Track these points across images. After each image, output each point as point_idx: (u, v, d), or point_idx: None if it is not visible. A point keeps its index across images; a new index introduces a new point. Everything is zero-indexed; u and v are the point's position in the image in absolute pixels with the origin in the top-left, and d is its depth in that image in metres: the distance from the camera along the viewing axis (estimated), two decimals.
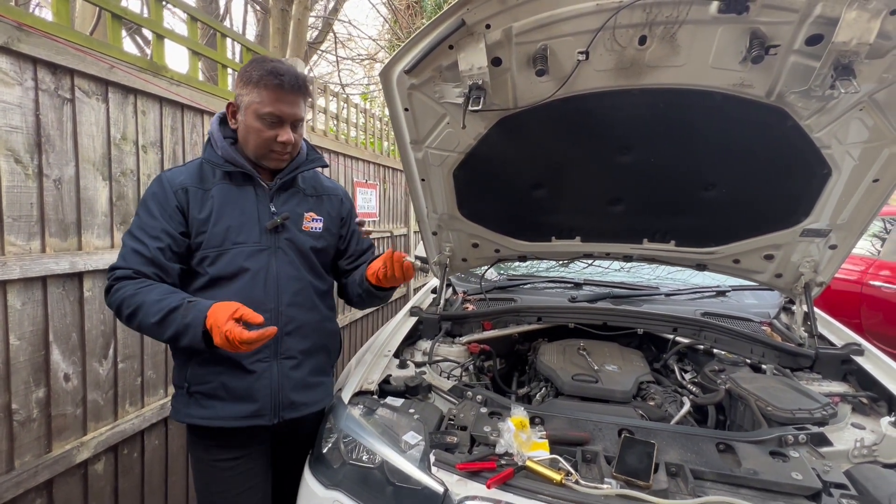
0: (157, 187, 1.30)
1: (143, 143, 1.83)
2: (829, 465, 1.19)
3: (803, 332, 1.90)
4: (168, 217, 1.28)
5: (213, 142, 1.36)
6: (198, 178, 1.34)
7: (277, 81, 1.27)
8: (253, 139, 1.32)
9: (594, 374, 1.72)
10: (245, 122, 1.32)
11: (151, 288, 1.21)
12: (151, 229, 1.26)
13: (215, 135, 1.36)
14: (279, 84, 1.27)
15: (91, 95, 1.63)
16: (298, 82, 1.31)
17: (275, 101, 1.28)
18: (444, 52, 1.49)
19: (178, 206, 1.29)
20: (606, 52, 1.43)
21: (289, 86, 1.28)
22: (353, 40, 9.75)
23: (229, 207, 1.33)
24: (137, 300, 1.19)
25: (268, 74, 1.26)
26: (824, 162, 1.59)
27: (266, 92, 1.27)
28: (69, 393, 1.62)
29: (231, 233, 1.32)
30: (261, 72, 1.27)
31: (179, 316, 1.16)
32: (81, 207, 1.62)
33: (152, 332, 1.21)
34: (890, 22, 1.19)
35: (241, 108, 1.32)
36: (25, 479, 1.46)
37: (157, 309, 1.17)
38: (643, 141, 1.70)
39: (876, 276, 4.00)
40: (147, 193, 1.30)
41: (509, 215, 2.13)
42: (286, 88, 1.28)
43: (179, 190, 1.30)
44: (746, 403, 1.49)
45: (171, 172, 1.34)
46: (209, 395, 1.31)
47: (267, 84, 1.27)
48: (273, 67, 1.28)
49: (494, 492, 1.10)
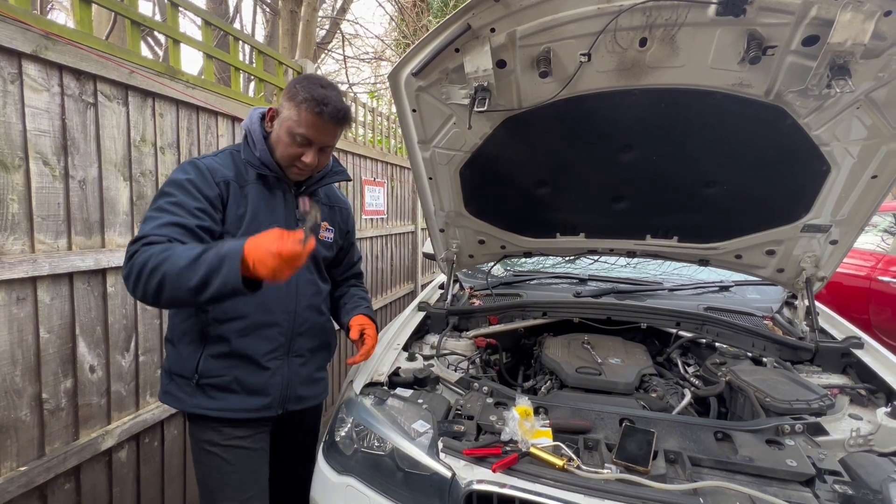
0: (194, 173, 1.28)
1: (161, 144, 1.90)
2: (824, 453, 1.23)
3: (805, 326, 1.93)
4: (210, 203, 1.27)
5: (250, 140, 1.38)
6: (234, 172, 1.34)
7: (318, 110, 1.28)
8: (280, 150, 1.34)
9: (598, 367, 1.77)
10: (278, 132, 1.34)
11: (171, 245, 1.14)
12: (191, 208, 1.23)
13: (255, 135, 1.37)
14: (319, 113, 1.28)
15: (112, 99, 1.70)
16: (339, 115, 1.32)
17: (309, 125, 1.30)
18: (450, 55, 1.54)
19: (220, 196, 1.30)
20: (608, 53, 1.47)
21: (328, 116, 1.29)
22: (360, 38, 9.80)
23: (263, 209, 1.36)
24: (167, 254, 1.09)
25: (311, 100, 1.28)
26: (823, 159, 1.62)
27: (304, 115, 1.28)
28: (94, 384, 1.70)
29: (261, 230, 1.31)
30: (306, 94, 1.28)
31: (212, 253, 1.07)
32: (104, 207, 1.69)
33: (178, 282, 1.07)
34: (884, 23, 1.22)
35: (278, 117, 1.35)
36: (55, 465, 1.54)
37: (187, 255, 1.08)
38: (645, 140, 1.74)
39: (885, 272, 3.98)
40: (179, 177, 1.26)
41: (515, 212, 2.17)
42: (324, 118, 1.29)
43: (221, 182, 1.31)
44: (746, 395, 1.53)
45: (207, 161, 1.32)
46: (221, 388, 1.33)
47: (308, 108, 1.28)
48: (321, 95, 1.29)
49: (499, 476, 1.15)
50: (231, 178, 1.33)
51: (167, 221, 1.19)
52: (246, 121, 1.41)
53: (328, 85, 1.34)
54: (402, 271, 4.91)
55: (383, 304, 4.37)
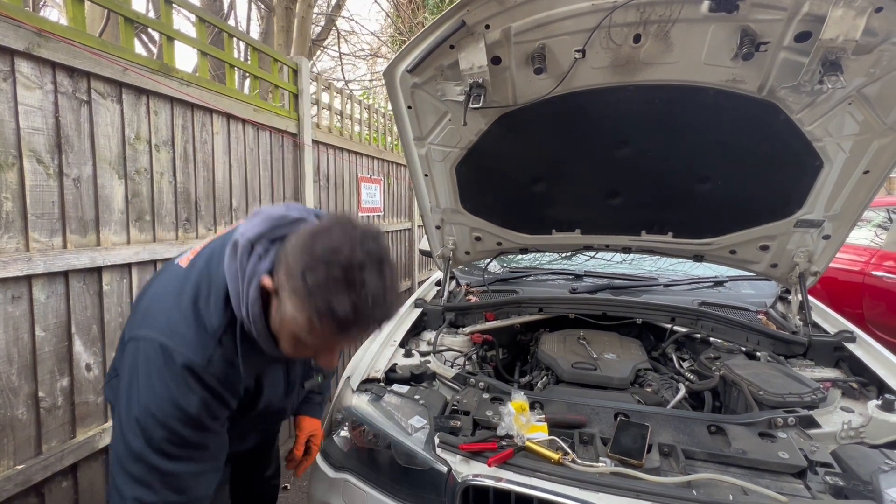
0: (208, 394, 0.89)
1: (155, 142, 1.89)
2: (816, 445, 1.25)
3: (798, 320, 1.95)
4: (225, 421, 0.98)
5: (253, 328, 0.90)
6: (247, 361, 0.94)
7: (343, 328, 0.82)
8: (287, 347, 0.92)
9: (593, 362, 1.78)
10: (278, 329, 0.90)
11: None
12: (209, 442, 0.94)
13: (259, 329, 0.90)
14: (341, 329, 0.82)
15: (106, 97, 1.70)
16: (381, 319, 0.86)
17: (323, 347, 0.92)
18: (445, 52, 1.54)
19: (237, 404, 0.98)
20: (602, 50, 1.48)
21: (349, 330, 0.83)
22: (356, 35, 9.76)
23: (271, 389, 1.09)
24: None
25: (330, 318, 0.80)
26: (816, 154, 1.63)
27: (319, 329, 0.82)
28: (91, 382, 1.70)
29: (270, 405, 1.11)
30: (322, 304, 0.79)
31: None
32: (99, 205, 1.69)
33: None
34: (875, 19, 1.23)
35: (279, 300, 0.86)
36: (52, 463, 1.54)
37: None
38: (639, 135, 1.75)
39: (878, 267, 4.01)
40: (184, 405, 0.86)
41: (510, 209, 2.18)
42: (344, 333, 0.83)
43: (242, 389, 0.97)
44: (739, 389, 1.54)
45: (217, 370, 0.89)
46: None
47: (327, 325, 0.81)
48: (336, 309, 0.79)
49: (495, 470, 1.16)
50: (251, 383, 1.01)
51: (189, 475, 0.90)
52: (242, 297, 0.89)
53: (363, 264, 0.80)
54: (399, 268, 4.92)
55: None
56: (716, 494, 1.07)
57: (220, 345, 0.90)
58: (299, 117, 2.86)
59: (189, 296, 0.92)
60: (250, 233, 0.90)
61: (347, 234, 0.81)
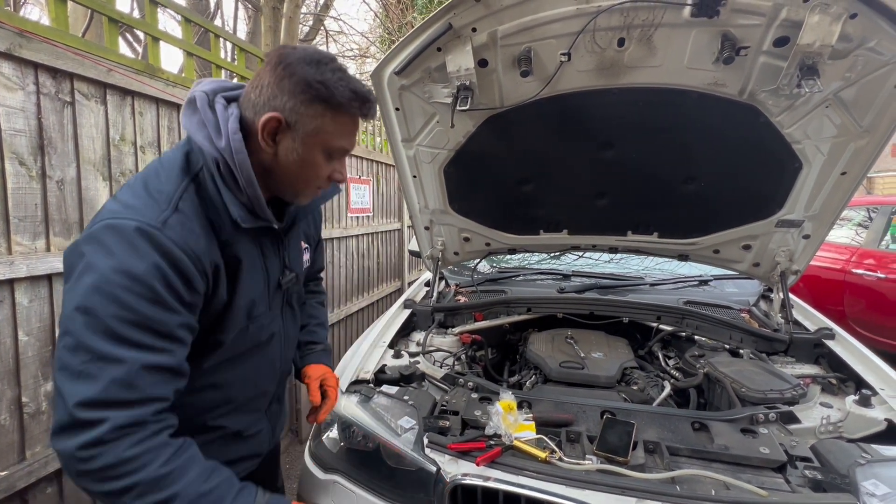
0: (163, 260, 0.78)
1: (141, 143, 1.87)
2: (796, 440, 1.28)
3: (780, 318, 1.99)
4: (191, 306, 0.84)
5: (237, 177, 0.88)
6: (210, 234, 0.87)
7: (365, 110, 0.92)
8: (306, 175, 0.94)
9: (580, 361, 1.80)
10: (301, 153, 0.90)
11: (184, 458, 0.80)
12: (169, 326, 0.80)
13: (245, 170, 0.88)
14: (364, 112, 0.92)
15: (90, 98, 1.68)
16: (375, 107, 0.97)
17: (351, 132, 0.94)
18: (432, 55, 1.55)
19: (205, 289, 0.87)
20: (587, 53, 1.50)
21: (370, 113, 0.94)
22: (344, 35, 9.74)
23: (250, 274, 0.96)
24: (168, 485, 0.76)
25: (355, 99, 0.89)
26: (795, 156, 1.67)
27: (347, 120, 0.91)
28: None
29: (253, 306, 0.99)
30: (346, 94, 0.87)
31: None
32: (83, 207, 1.67)
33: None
34: (850, 25, 1.27)
35: (295, 130, 0.88)
36: (37, 469, 1.52)
37: None
38: (624, 137, 1.78)
39: (858, 265, 4.10)
40: (137, 268, 0.76)
41: (499, 210, 2.20)
42: (368, 116, 0.94)
43: (210, 266, 0.86)
44: (723, 386, 1.58)
45: (176, 232, 0.80)
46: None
47: (353, 112, 0.90)
48: (356, 88, 0.89)
49: (483, 469, 1.17)
50: (218, 259, 0.89)
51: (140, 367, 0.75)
52: (212, 129, 0.87)
53: (344, 68, 0.92)
54: (389, 269, 4.91)
55: (369, 301, 4.37)
56: (699, 490, 1.09)
57: (176, 210, 0.82)
58: None
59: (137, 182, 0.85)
60: (204, 87, 0.91)
61: (309, 51, 0.89)
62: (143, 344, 0.76)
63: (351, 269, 3.96)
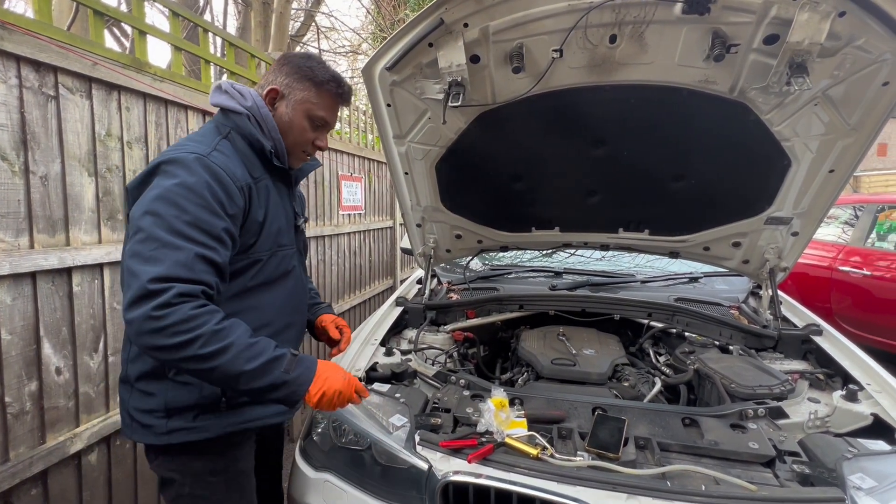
0: (211, 177, 1.03)
1: (127, 139, 1.84)
2: (784, 435, 1.29)
3: (769, 314, 2.01)
4: (232, 217, 1.07)
5: (263, 126, 1.20)
6: (248, 168, 1.15)
7: (340, 91, 1.25)
8: (294, 136, 1.24)
9: (572, 358, 1.81)
10: (291, 116, 1.22)
11: (232, 322, 1.00)
12: (216, 229, 1.02)
13: (269, 120, 1.20)
14: (339, 94, 1.25)
15: (75, 92, 1.64)
16: (350, 96, 1.31)
17: (330, 107, 1.26)
18: (424, 50, 1.54)
19: (244, 207, 1.11)
20: (579, 50, 1.50)
21: (345, 98, 1.28)
22: (336, 31, 9.66)
23: (276, 206, 1.23)
24: (224, 338, 0.95)
25: (333, 81, 1.23)
26: (784, 153, 1.68)
27: (327, 96, 1.23)
28: (61, 386, 1.65)
29: (280, 235, 1.24)
30: (326, 75, 1.22)
31: (281, 369, 1.01)
32: (68, 204, 1.63)
33: (232, 377, 0.97)
34: (839, 23, 1.28)
35: (288, 99, 1.22)
36: (21, 470, 1.49)
37: (252, 353, 0.98)
38: (616, 135, 1.78)
39: (845, 262, 4.16)
40: (190, 181, 1.00)
41: (491, 207, 2.19)
42: (343, 100, 1.27)
43: (245, 187, 1.11)
44: (712, 382, 1.59)
45: (220, 159, 1.08)
46: (248, 402, 1.19)
47: (329, 90, 1.23)
48: (336, 75, 1.25)
49: (475, 466, 1.17)
50: (250, 181, 1.14)
51: (196, 255, 0.97)
52: (240, 98, 1.19)
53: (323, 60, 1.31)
54: (381, 267, 4.90)
55: (362, 299, 4.35)
56: (689, 485, 1.10)
57: (215, 150, 1.10)
58: None
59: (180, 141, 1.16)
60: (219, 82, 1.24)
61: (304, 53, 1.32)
62: (196, 239, 0.98)
63: (343, 266, 3.94)
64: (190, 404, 1.13)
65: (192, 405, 1.13)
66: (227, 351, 0.95)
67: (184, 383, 1.13)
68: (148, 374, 1.13)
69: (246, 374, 0.97)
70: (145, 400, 1.14)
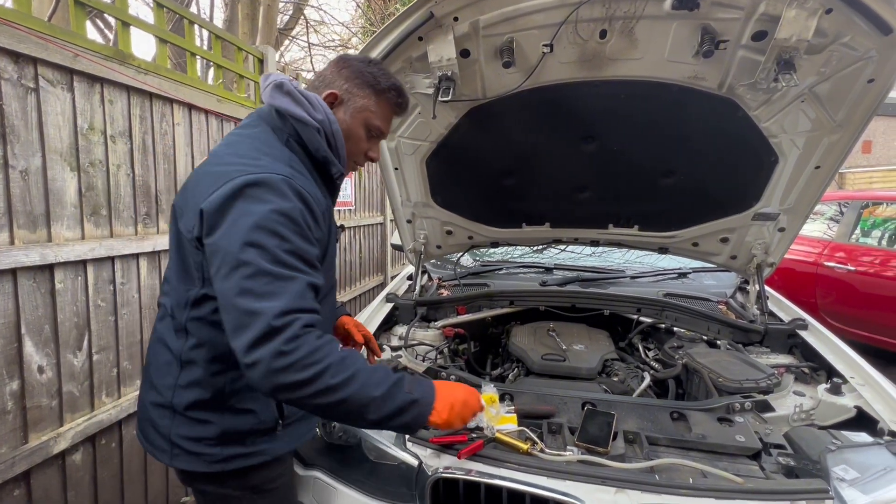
0: (301, 202, 0.97)
1: (111, 132, 1.80)
2: (770, 428, 1.31)
3: (755, 309, 2.03)
4: (319, 242, 1.03)
5: (333, 142, 1.10)
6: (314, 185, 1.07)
7: (400, 101, 1.17)
8: (350, 145, 1.15)
9: (562, 354, 1.81)
10: (349, 124, 1.13)
11: (352, 350, 0.98)
12: (312, 256, 0.99)
13: (340, 139, 1.11)
14: (399, 104, 1.18)
15: (56, 84, 1.60)
16: (408, 107, 1.24)
17: (387, 117, 1.19)
18: (413, 44, 1.53)
19: (326, 232, 1.08)
20: (570, 45, 1.49)
21: (403, 109, 1.20)
22: (326, 25, 9.56)
23: (332, 225, 1.17)
24: (350, 366, 0.92)
25: (394, 89, 1.16)
26: (772, 150, 1.70)
27: (386, 106, 1.16)
28: (44, 385, 1.61)
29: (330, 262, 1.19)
30: (389, 83, 1.15)
31: (403, 390, 0.97)
32: (50, 199, 1.60)
33: (362, 406, 0.93)
34: (826, 20, 1.29)
35: (346, 105, 1.13)
36: (3, 471, 1.46)
37: (376, 379, 0.94)
38: (606, 130, 1.78)
39: (830, 258, 4.22)
40: (287, 207, 0.93)
41: (481, 203, 2.19)
42: (401, 110, 1.20)
43: (325, 211, 1.07)
44: (700, 376, 1.60)
45: (302, 181, 1.00)
46: (299, 419, 1.16)
47: (390, 99, 1.16)
48: (397, 84, 1.17)
49: (465, 462, 1.17)
50: (327, 204, 1.11)
51: (308, 284, 0.94)
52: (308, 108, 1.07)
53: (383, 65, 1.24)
54: (371, 263, 4.88)
55: (352, 296, 4.34)
56: (677, 478, 1.10)
57: (292, 167, 1.01)
58: None
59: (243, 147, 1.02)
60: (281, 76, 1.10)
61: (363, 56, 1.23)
62: (300, 268, 0.94)
63: None
64: (246, 430, 1.07)
65: (248, 430, 1.07)
66: (355, 379, 0.91)
67: (244, 410, 1.06)
68: (205, 402, 1.04)
69: (375, 402, 0.93)
70: (197, 428, 1.05)
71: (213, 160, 1.04)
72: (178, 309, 1.04)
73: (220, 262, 0.90)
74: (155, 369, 1.09)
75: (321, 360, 0.88)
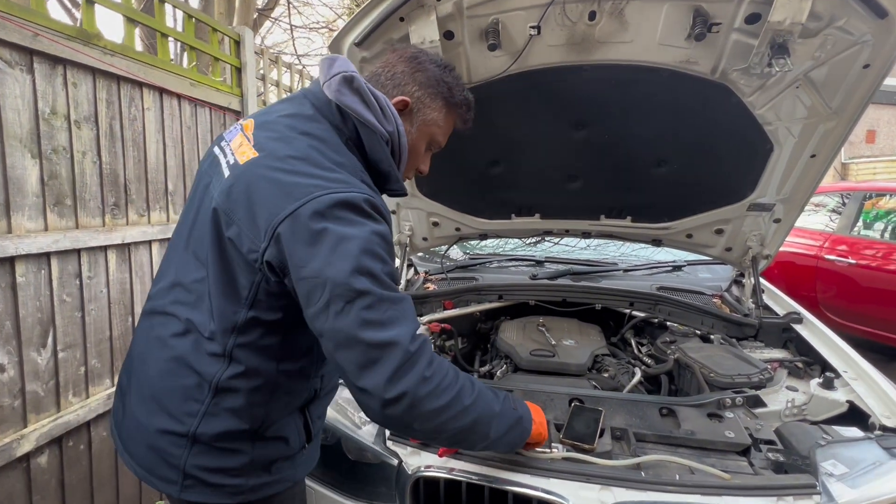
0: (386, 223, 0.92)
1: (75, 117, 1.71)
2: (761, 423, 1.28)
3: (751, 303, 2.00)
4: None
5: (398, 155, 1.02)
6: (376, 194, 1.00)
7: (467, 117, 1.11)
8: (411, 158, 1.08)
9: (552, 349, 1.76)
10: (414, 137, 1.06)
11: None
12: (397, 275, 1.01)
13: (406, 153, 1.03)
14: (465, 122, 1.12)
15: (14, 66, 1.51)
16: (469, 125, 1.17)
17: (449, 134, 1.12)
18: (395, 25, 1.46)
19: None
20: (558, 27, 1.43)
21: (467, 127, 1.15)
22: (310, 6, 9.32)
23: None
24: (469, 383, 0.91)
25: (465, 105, 1.09)
26: (767, 138, 1.65)
27: (453, 121, 1.10)
28: (5, 384, 1.53)
29: None
30: (462, 96, 1.08)
31: (509, 407, 0.99)
32: (9, 188, 1.51)
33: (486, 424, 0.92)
34: (820, 3, 1.24)
35: (415, 116, 1.04)
36: None
37: (491, 395, 0.94)
38: (597, 117, 1.72)
39: (831, 251, 4.08)
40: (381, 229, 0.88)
41: (469, 193, 2.13)
42: (464, 128, 1.14)
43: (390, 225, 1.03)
44: (692, 371, 1.56)
45: (379, 200, 0.93)
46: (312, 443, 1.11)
47: (460, 115, 1.10)
48: (469, 98, 1.11)
49: (446, 461, 1.12)
50: None
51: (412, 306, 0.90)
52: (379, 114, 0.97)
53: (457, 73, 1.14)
54: None
55: None
56: (664, 475, 1.07)
57: (363, 181, 0.94)
58: (243, 93, 2.67)
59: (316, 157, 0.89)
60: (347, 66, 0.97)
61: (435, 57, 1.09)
62: (397, 289, 0.88)
63: None
64: (274, 458, 0.99)
65: (276, 458, 0.99)
66: (481, 397, 0.90)
67: (277, 438, 0.99)
68: (240, 432, 0.93)
69: (497, 418, 0.93)
70: (223, 458, 0.93)
71: (270, 161, 0.88)
72: (220, 332, 0.90)
73: (328, 296, 0.79)
74: (169, 393, 0.93)
75: (453, 383, 0.86)
